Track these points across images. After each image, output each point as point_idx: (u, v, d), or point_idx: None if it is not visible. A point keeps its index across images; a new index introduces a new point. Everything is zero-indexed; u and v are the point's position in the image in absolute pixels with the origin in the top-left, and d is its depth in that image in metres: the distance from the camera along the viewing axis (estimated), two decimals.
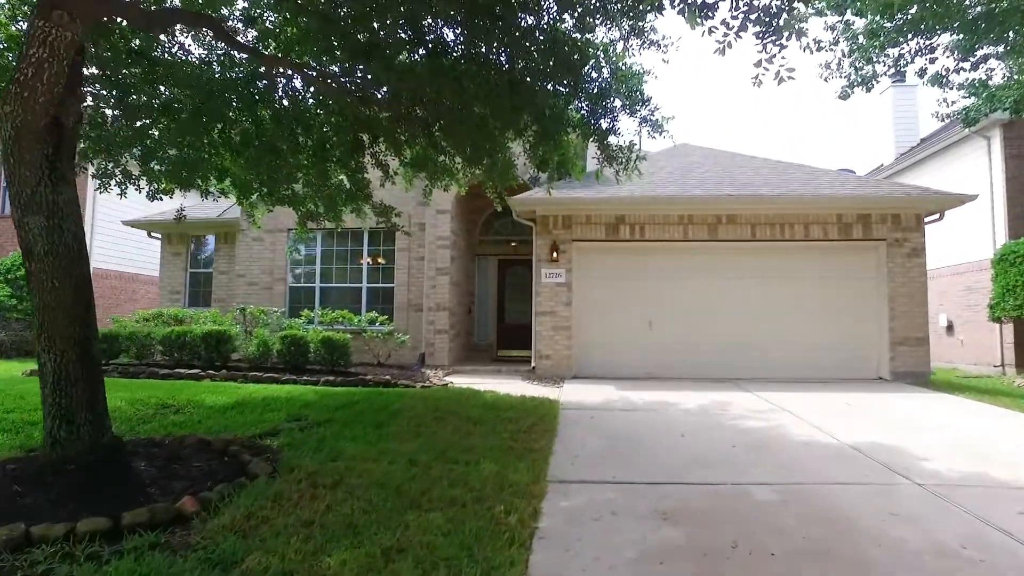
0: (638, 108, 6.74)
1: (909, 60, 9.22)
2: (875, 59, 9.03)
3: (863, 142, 22.71)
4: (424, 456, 4.96)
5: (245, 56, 6.81)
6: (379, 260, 12.93)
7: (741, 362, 10.98)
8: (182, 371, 9.37)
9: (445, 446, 5.31)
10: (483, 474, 4.56)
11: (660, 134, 6.82)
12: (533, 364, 11.17)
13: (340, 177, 8.86)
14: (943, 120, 12.24)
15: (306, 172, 8.49)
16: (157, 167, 7.72)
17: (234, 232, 13.13)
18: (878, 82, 10.02)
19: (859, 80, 9.72)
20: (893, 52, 9.22)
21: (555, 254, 11.07)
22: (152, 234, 14.03)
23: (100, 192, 8.37)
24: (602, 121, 6.82)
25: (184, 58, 7.08)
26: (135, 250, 17.88)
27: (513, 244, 14.54)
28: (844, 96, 10.30)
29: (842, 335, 10.90)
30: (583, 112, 6.95)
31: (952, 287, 15.13)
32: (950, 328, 15.23)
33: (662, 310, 11.25)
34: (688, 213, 11.08)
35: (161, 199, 7.76)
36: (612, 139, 6.91)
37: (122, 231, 16.55)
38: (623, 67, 6.61)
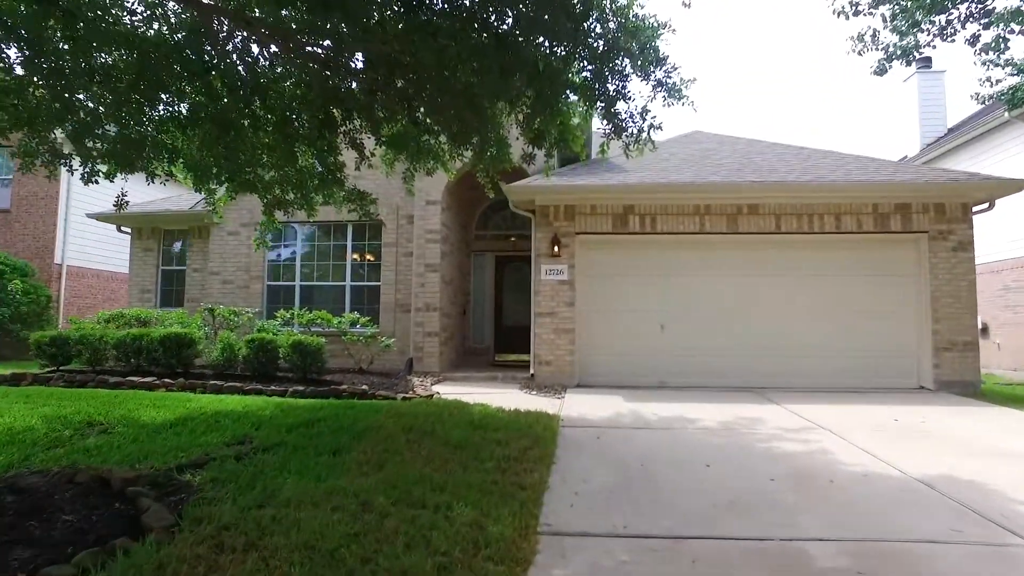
0: (652, 68, 5.62)
1: (959, 26, 8.06)
2: (921, 23, 7.88)
3: (885, 133, 21.54)
4: (382, 497, 3.86)
5: (179, 6, 5.74)
6: (365, 256, 11.86)
7: (765, 369, 9.85)
8: (136, 379, 8.31)
9: (412, 481, 4.21)
10: (455, 525, 3.47)
11: (679, 100, 5.71)
12: (532, 371, 10.07)
13: (310, 160, 7.81)
14: (984, 102, 11.09)
15: (270, 153, 7.43)
16: (93, 145, 6.66)
17: (208, 226, 12.08)
18: (920, 53, 8.89)
19: (899, 52, 8.58)
20: (940, 18, 8.05)
21: (556, 248, 9.96)
22: (122, 228, 12.99)
23: (49, 177, 7.31)
24: (608, 85, 5.71)
25: (116, 14, 6.01)
26: (114, 247, 16.85)
27: (512, 239, 13.44)
28: (880, 71, 9.18)
29: (878, 339, 9.74)
30: (586, 75, 5.85)
31: (988, 286, 13.93)
32: (984, 330, 14.03)
33: (676, 311, 10.13)
34: (705, 202, 9.95)
35: (97, 182, 6.69)
36: (621, 105, 5.79)
37: (100, 227, 15.53)
38: (633, 18, 5.49)
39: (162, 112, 6.93)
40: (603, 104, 5.75)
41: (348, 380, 9.06)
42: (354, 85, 6.99)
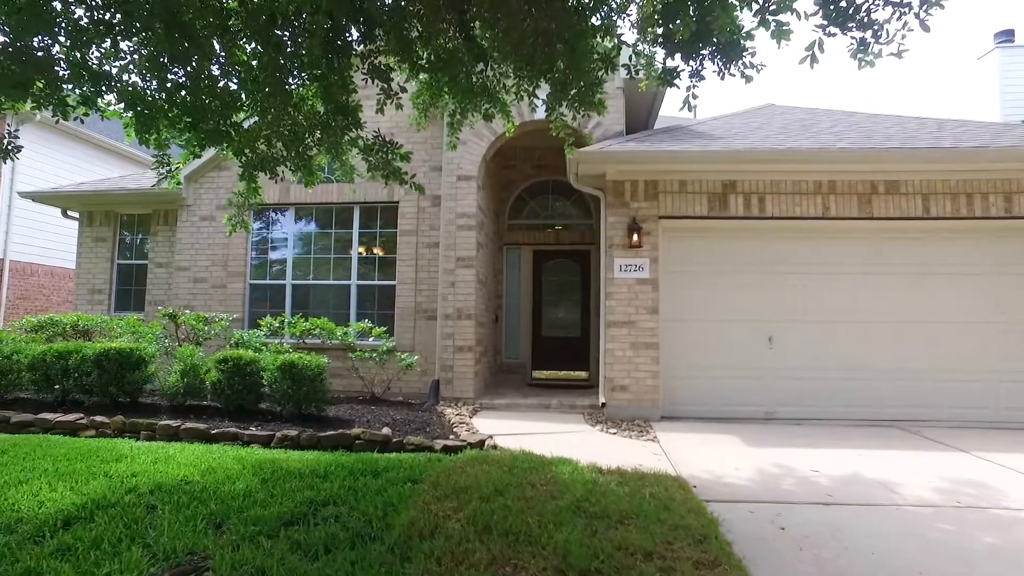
0: None
1: None
2: None
3: (959, 117, 19.24)
4: None
5: None
6: (374, 249, 9.35)
7: (901, 396, 7.43)
8: (52, 416, 5.77)
9: None
10: None
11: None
12: (602, 399, 7.58)
13: (311, 100, 5.35)
14: None
15: (250, 83, 4.97)
16: None
17: (175, 209, 9.54)
18: None
19: None
20: None
21: (635, 237, 7.50)
22: (68, 213, 10.39)
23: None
24: None
25: None
26: (72, 241, 14.22)
27: (555, 229, 10.96)
28: None
29: None
30: None
31: None
32: None
33: (787, 320, 7.68)
34: (829, 178, 7.53)
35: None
36: None
37: (52, 217, 12.90)
38: None
39: (82, 14, 4.49)
40: None
41: (359, 415, 6.52)
42: None
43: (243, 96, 5.19)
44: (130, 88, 4.67)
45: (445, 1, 4.62)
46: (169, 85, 4.62)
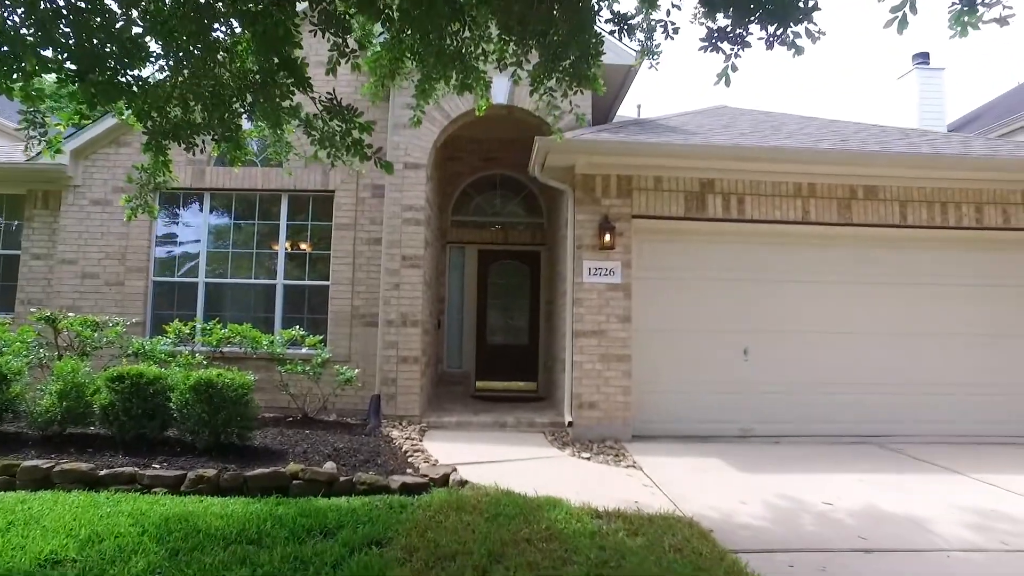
0: None
1: None
2: None
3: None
4: None
5: None
6: (304, 245, 8.17)
7: (882, 411, 7.11)
8: None
9: None
10: None
11: None
12: (568, 418, 6.79)
13: (238, 46, 4.27)
14: None
15: (159, 27, 3.84)
16: None
17: (59, 190, 7.96)
18: None
19: None
20: None
21: (607, 237, 6.77)
22: None
23: None
24: None
25: None
26: None
27: (503, 227, 10.11)
28: None
29: None
30: None
31: None
32: None
33: (764, 331, 7.20)
34: (810, 180, 7.10)
35: None
36: None
37: None
38: None
39: None
40: None
41: (293, 443, 5.41)
42: None
43: (151, 43, 4.02)
44: None
45: None
46: (41, 16, 3.42)
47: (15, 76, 3.54)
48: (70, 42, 3.60)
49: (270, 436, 5.57)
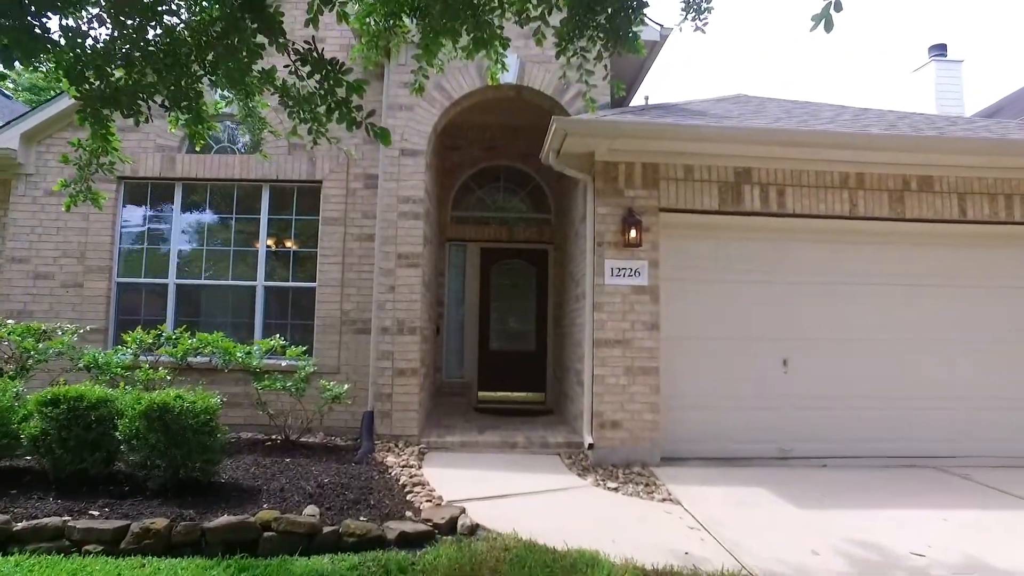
0: None
1: None
2: None
3: None
4: None
5: None
6: (289, 242, 7.31)
7: (936, 428, 6.33)
8: None
9: None
10: None
11: None
12: (589, 439, 5.94)
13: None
14: None
15: None
16: None
17: (7, 179, 7.05)
18: None
19: None
20: None
21: (632, 233, 5.94)
22: None
23: None
24: None
25: None
26: None
27: (508, 224, 9.28)
28: None
29: None
30: None
31: None
32: None
33: (804, 339, 6.39)
34: (858, 170, 6.30)
35: None
36: None
37: None
38: None
39: None
40: None
41: (268, 476, 4.55)
42: None
43: None
44: None
45: None
46: None
47: None
48: None
49: (243, 467, 4.71)
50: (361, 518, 3.81)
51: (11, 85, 15.31)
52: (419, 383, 6.56)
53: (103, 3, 3.30)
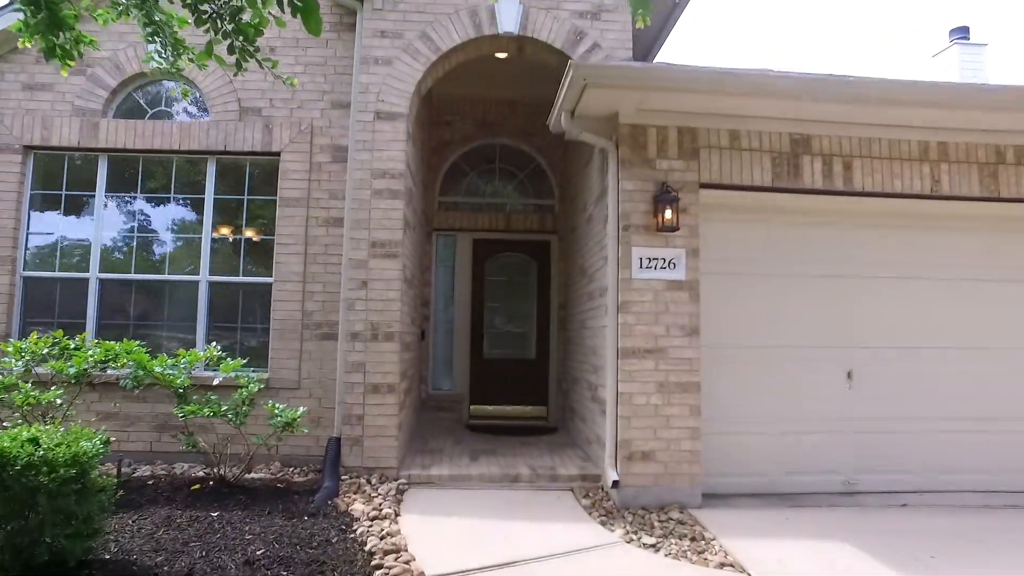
0: None
1: None
2: None
3: None
4: None
5: None
6: (240, 228, 5.99)
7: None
8: None
9: None
10: None
11: None
12: (613, 475, 4.67)
13: None
14: None
15: None
16: None
17: None
18: None
19: None
20: None
21: (667, 214, 4.69)
22: None
23: None
24: None
25: None
26: None
27: (504, 211, 8.02)
28: None
29: None
30: None
31: None
32: None
33: (873, 347, 5.18)
34: (940, 139, 5.10)
35: None
36: None
37: None
38: None
39: None
40: None
41: (178, 545, 3.23)
42: None
43: None
44: None
45: None
46: None
47: None
48: None
49: (147, 530, 3.41)
50: None
51: None
52: (398, 401, 5.28)
53: None
